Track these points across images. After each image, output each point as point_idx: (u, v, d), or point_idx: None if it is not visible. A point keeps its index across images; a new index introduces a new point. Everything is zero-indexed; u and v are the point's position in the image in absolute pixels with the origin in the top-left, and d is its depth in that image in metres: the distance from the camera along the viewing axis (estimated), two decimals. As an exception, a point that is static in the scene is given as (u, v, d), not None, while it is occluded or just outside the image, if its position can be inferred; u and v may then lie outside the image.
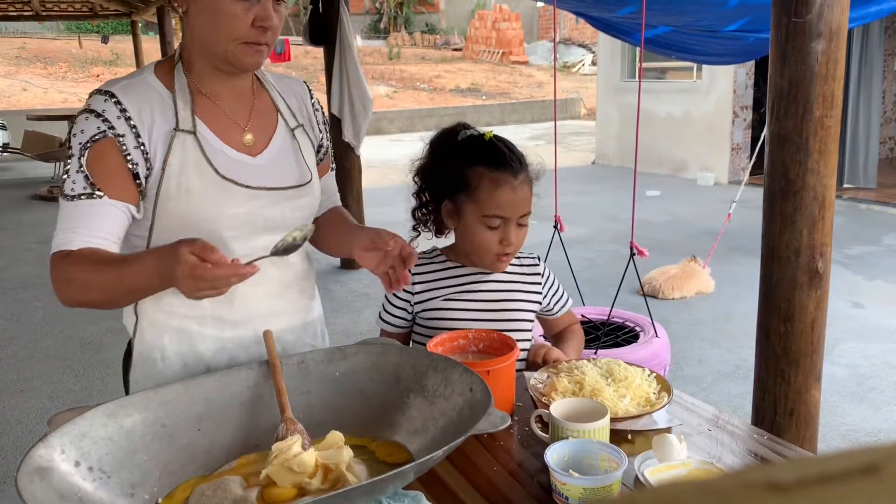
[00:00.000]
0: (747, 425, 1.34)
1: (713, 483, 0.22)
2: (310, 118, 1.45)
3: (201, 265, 1.04)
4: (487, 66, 22.78)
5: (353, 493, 0.94)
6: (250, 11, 1.20)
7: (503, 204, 1.48)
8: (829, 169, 1.96)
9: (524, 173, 1.51)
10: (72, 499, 0.97)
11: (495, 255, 1.53)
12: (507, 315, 1.61)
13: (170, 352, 1.34)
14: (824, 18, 1.88)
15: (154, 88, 1.27)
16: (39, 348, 4.34)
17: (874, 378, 3.66)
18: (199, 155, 1.25)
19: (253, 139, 1.33)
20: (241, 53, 1.23)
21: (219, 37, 1.22)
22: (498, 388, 1.25)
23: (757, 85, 9.13)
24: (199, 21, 1.23)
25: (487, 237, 1.51)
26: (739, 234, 6.09)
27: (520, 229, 1.53)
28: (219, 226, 1.26)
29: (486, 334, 1.46)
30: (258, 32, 1.22)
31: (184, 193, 1.24)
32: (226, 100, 1.32)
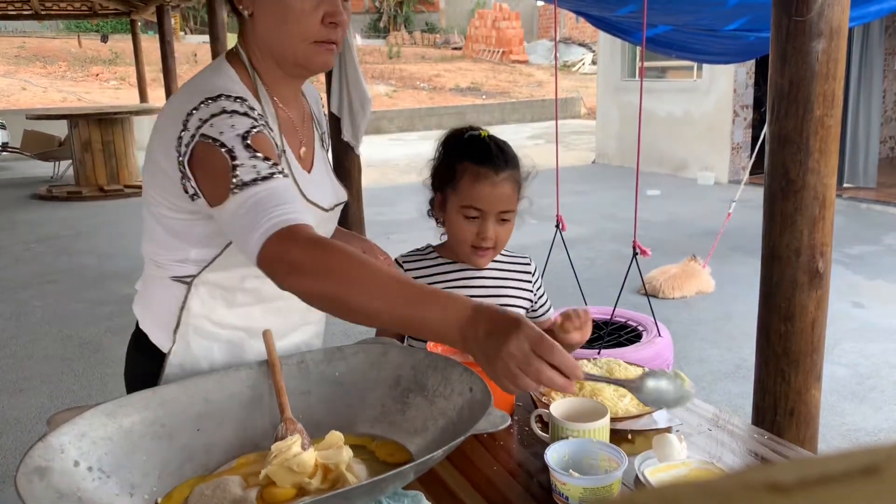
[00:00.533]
0: (747, 425, 1.34)
1: (714, 483, 0.22)
2: (324, 123, 1.44)
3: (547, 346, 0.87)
4: (487, 65, 22.78)
5: (352, 492, 0.94)
6: (319, 8, 1.16)
7: (481, 197, 1.52)
8: (829, 168, 1.96)
9: (507, 172, 1.53)
10: (71, 498, 0.97)
11: (471, 247, 1.56)
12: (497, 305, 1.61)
13: (219, 363, 1.31)
14: (825, 18, 1.88)
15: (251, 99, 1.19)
16: (38, 348, 4.34)
17: (874, 378, 3.66)
18: (290, 178, 1.20)
19: (306, 152, 1.31)
20: (312, 53, 1.20)
21: (289, 37, 1.18)
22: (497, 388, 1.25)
23: (757, 84, 9.13)
24: (267, 22, 1.19)
25: (464, 228, 1.55)
26: (739, 233, 6.09)
27: (501, 225, 1.55)
28: None
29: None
30: (329, 30, 1.18)
31: None
32: (291, 110, 1.29)
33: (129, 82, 17.78)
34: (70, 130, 9.34)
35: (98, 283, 5.56)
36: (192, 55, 18.95)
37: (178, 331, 1.28)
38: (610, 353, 2.83)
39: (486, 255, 1.58)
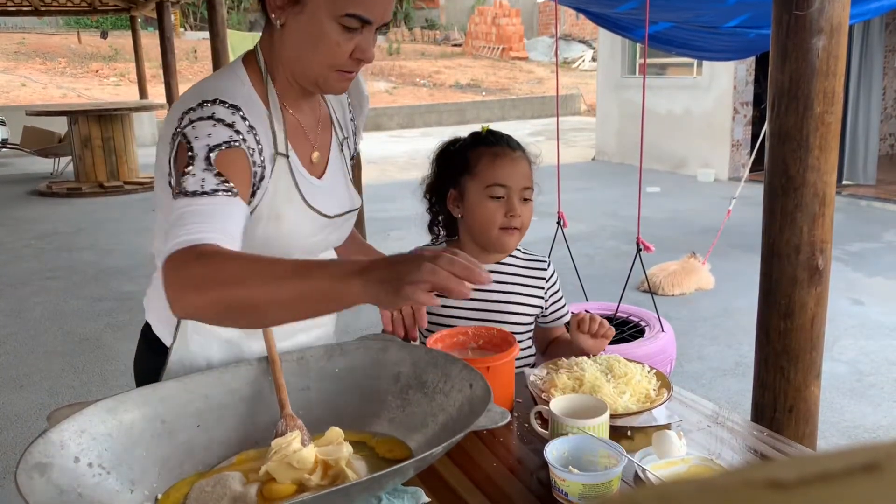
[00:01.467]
0: (747, 422, 1.34)
1: (714, 481, 0.22)
2: (348, 127, 1.45)
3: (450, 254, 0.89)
4: (487, 61, 22.76)
5: (352, 489, 0.94)
6: (352, 42, 1.16)
7: (504, 174, 1.54)
8: (829, 165, 1.95)
9: (521, 151, 1.58)
10: (71, 494, 0.97)
11: (500, 228, 1.55)
12: (505, 308, 1.62)
13: (217, 361, 1.32)
14: (825, 14, 1.87)
15: (256, 104, 1.21)
16: (38, 344, 4.34)
17: (874, 375, 3.66)
18: (290, 181, 1.23)
19: (318, 157, 1.31)
20: (333, 80, 1.21)
21: (316, 61, 1.18)
22: (498, 384, 1.25)
23: (757, 81, 9.12)
24: (297, 39, 1.18)
25: (492, 209, 1.54)
26: (739, 230, 6.09)
27: (524, 204, 1.55)
28: (296, 251, 1.25)
29: (485, 331, 1.46)
30: (354, 63, 1.19)
31: (273, 218, 1.22)
32: (304, 115, 1.30)
33: (129, 79, 17.76)
34: (70, 127, 9.33)
35: (98, 279, 5.56)
36: (192, 51, 18.92)
37: (179, 327, 1.29)
38: (613, 349, 2.83)
39: (514, 236, 1.57)
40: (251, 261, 0.95)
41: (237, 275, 0.93)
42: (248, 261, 0.95)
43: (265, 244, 1.21)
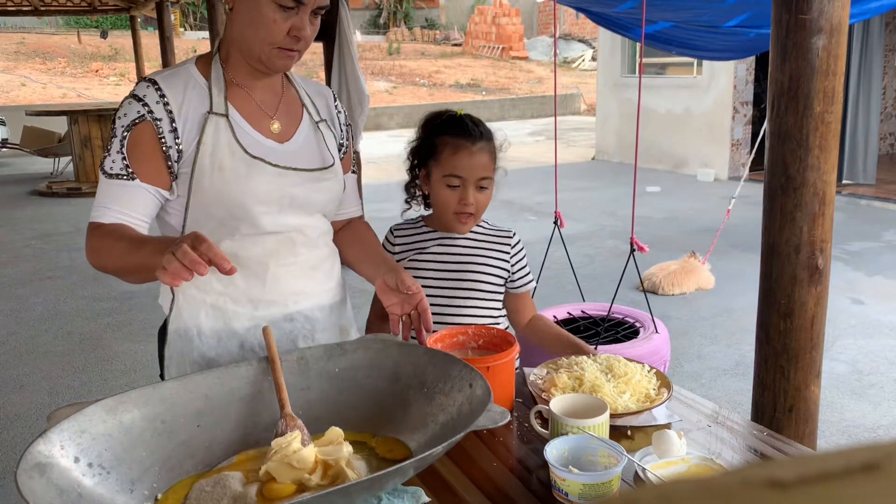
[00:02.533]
0: (747, 421, 1.34)
1: (714, 480, 0.22)
2: (333, 117, 1.56)
3: (199, 240, 1.11)
4: (487, 61, 22.75)
5: (352, 489, 0.94)
6: (288, 21, 1.30)
7: (461, 166, 1.67)
8: (829, 165, 1.95)
9: (483, 142, 1.68)
10: (71, 494, 0.97)
11: (454, 213, 1.70)
12: (469, 276, 1.74)
13: (206, 328, 1.42)
14: (825, 14, 1.87)
15: (193, 77, 1.37)
16: (38, 344, 4.34)
17: (874, 374, 3.66)
18: (231, 136, 1.35)
19: (280, 128, 1.43)
20: (274, 57, 1.34)
21: (257, 39, 1.32)
22: (497, 384, 1.25)
23: (757, 81, 9.12)
24: (241, 21, 1.33)
25: (447, 196, 1.69)
26: (739, 230, 6.09)
27: (479, 192, 1.69)
28: (249, 201, 1.35)
29: (485, 331, 1.47)
30: (292, 40, 1.32)
31: (217, 171, 1.33)
32: (257, 91, 1.42)
33: (129, 78, 17.76)
34: (69, 126, 9.33)
35: (98, 279, 5.56)
36: (192, 51, 18.92)
37: (175, 299, 1.42)
38: (606, 350, 2.83)
39: (467, 222, 1.72)
40: (117, 239, 1.28)
41: (109, 250, 1.28)
42: (116, 239, 1.28)
43: (218, 194, 1.34)
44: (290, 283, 1.44)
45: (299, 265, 1.46)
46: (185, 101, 1.34)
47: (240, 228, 1.37)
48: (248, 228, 1.37)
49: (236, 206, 1.34)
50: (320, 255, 1.51)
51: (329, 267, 1.54)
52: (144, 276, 1.30)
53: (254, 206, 1.35)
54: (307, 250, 1.47)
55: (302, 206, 1.42)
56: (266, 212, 1.37)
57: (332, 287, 1.55)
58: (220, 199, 1.34)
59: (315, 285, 1.50)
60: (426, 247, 1.77)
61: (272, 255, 1.41)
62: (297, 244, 1.44)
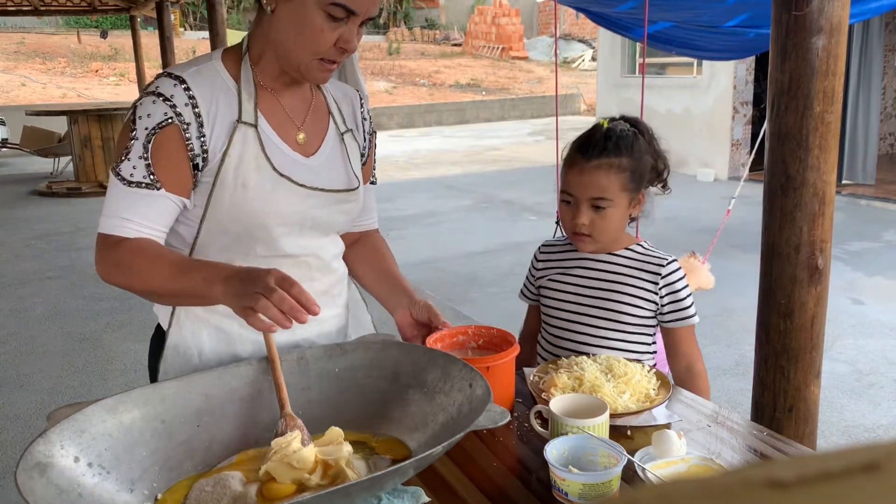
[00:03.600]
0: (747, 421, 1.34)
1: (714, 480, 0.22)
2: (358, 125, 1.47)
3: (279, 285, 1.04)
4: (487, 61, 22.75)
5: (352, 488, 0.94)
6: (336, 31, 1.21)
7: (570, 182, 1.57)
8: (829, 165, 1.95)
9: (602, 159, 1.53)
10: (71, 494, 0.97)
11: (570, 231, 1.60)
12: (610, 303, 1.60)
13: (207, 349, 1.35)
14: (825, 14, 1.87)
15: (221, 77, 1.27)
16: (38, 344, 4.34)
17: (873, 374, 3.66)
18: (259, 149, 1.26)
19: (305, 139, 1.34)
20: (315, 68, 1.25)
21: (300, 47, 1.23)
22: (497, 384, 1.25)
23: (757, 81, 9.12)
24: (285, 25, 1.23)
25: (563, 212, 1.61)
26: (739, 230, 6.09)
27: (596, 213, 1.55)
28: (270, 221, 1.27)
29: (485, 330, 1.46)
30: (337, 52, 1.23)
31: (240, 186, 1.24)
32: (286, 97, 1.34)
33: (129, 78, 17.76)
34: (69, 126, 9.33)
35: (98, 279, 5.55)
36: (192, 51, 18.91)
37: (175, 314, 1.34)
38: (609, 350, 2.83)
39: (583, 241, 1.59)
40: (154, 260, 1.18)
41: (141, 270, 1.17)
42: (153, 260, 1.18)
43: (238, 211, 1.25)
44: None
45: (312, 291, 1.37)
46: (213, 103, 1.24)
47: (255, 249, 1.29)
48: (264, 250, 1.30)
49: (257, 226, 1.26)
50: (332, 280, 1.43)
51: (339, 292, 1.47)
52: (185, 301, 1.24)
53: (275, 227, 1.28)
54: (321, 275, 1.39)
55: (321, 228, 1.36)
56: (287, 233, 1.30)
57: (339, 312, 1.48)
58: (240, 217, 1.25)
59: (325, 311, 1.38)
60: (569, 267, 1.66)
61: None
62: (313, 269, 1.37)
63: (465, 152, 12.46)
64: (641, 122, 1.64)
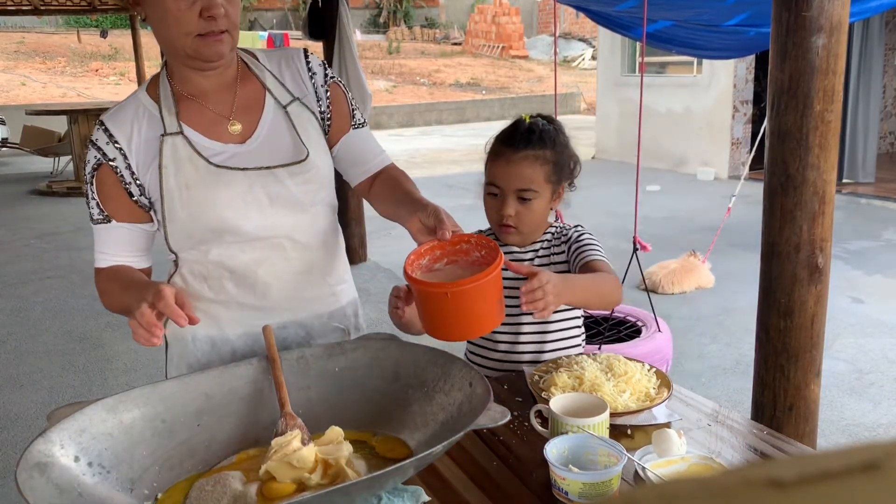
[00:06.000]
0: (747, 420, 1.34)
1: (714, 480, 0.22)
2: (306, 86, 1.42)
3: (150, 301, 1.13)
4: (487, 60, 22.74)
5: (352, 488, 0.94)
6: (196, 4, 1.21)
7: (496, 174, 1.55)
8: (829, 164, 1.95)
9: (528, 151, 1.52)
10: (71, 494, 0.97)
11: (496, 223, 1.57)
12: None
13: (200, 333, 1.40)
14: (825, 13, 1.87)
15: (143, 104, 1.34)
16: (39, 343, 4.34)
17: (873, 373, 3.66)
18: (191, 151, 1.30)
19: (241, 127, 1.35)
20: (199, 47, 1.25)
21: (173, 34, 1.24)
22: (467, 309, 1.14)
23: (757, 79, 9.11)
24: (156, 24, 1.27)
25: (489, 204, 1.58)
26: (739, 228, 6.09)
27: (522, 205, 1.53)
28: (223, 210, 1.30)
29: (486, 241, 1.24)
30: (208, 22, 1.23)
31: (184, 188, 1.29)
32: (209, 97, 1.35)
33: (129, 77, 17.75)
34: (69, 126, 9.32)
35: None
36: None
37: None
38: (609, 349, 2.83)
39: (509, 233, 1.57)
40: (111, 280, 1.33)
41: (108, 293, 1.33)
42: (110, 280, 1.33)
43: (191, 213, 1.30)
44: (281, 290, 1.39)
45: (290, 271, 1.39)
46: (135, 132, 1.31)
47: (224, 238, 1.33)
48: (232, 237, 1.33)
49: (214, 220, 1.30)
50: (314, 259, 1.43)
51: (326, 271, 1.46)
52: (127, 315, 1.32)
53: (230, 215, 1.30)
54: (299, 255, 1.40)
55: (285, 204, 1.35)
56: (243, 217, 1.31)
57: (330, 293, 1.47)
58: (195, 217, 1.30)
59: (311, 291, 1.44)
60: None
61: (261, 262, 1.36)
62: (287, 249, 1.37)
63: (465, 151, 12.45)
64: (557, 121, 1.64)
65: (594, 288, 1.43)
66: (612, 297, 1.46)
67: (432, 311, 1.18)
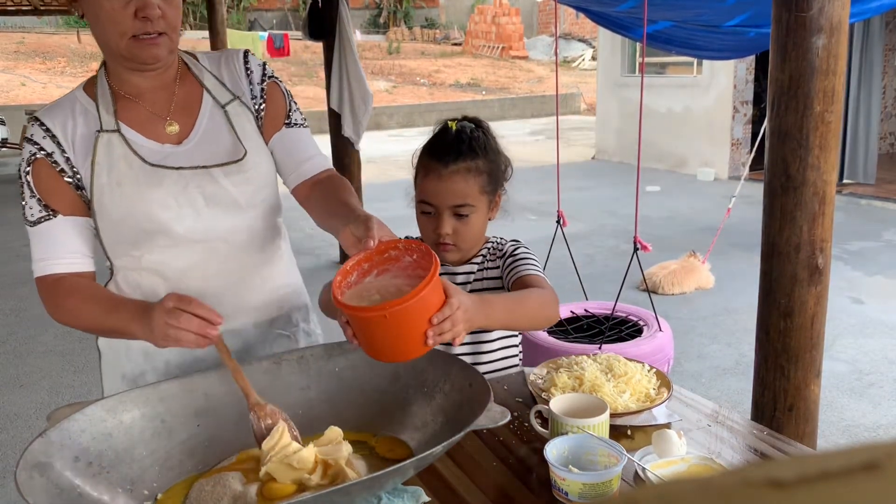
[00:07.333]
0: (747, 421, 1.34)
1: (714, 480, 0.22)
2: (244, 87, 1.38)
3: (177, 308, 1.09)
4: (487, 60, 22.75)
5: (352, 488, 0.94)
6: (130, 4, 1.18)
7: (429, 191, 1.45)
8: (829, 164, 1.95)
9: (460, 164, 1.43)
10: (71, 494, 0.97)
11: (433, 243, 1.47)
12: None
13: (134, 344, 1.34)
14: (825, 13, 1.87)
15: (79, 101, 1.30)
16: (38, 343, 4.34)
17: (873, 374, 3.66)
18: (126, 149, 1.27)
19: (178, 128, 1.32)
20: (135, 49, 1.22)
21: (108, 34, 1.22)
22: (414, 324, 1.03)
23: (757, 80, 9.12)
24: (92, 23, 1.24)
25: (423, 223, 1.51)
26: (739, 229, 6.09)
27: (459, 221, 1.45)
28: (156, 210, 1.26)
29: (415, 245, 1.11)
30: (143, 24, 1.20)
31: (115, 186, 1.25)
32: (147, 96, 1.32)
33: (129, 78, 17.70)
34: (69, 126, 9.32)
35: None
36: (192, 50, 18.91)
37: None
38: (611, 348, 2.83)
39: (448, 251, 1.48)
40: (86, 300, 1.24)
41: (78, 310, 1.24)
42: (85, 300, 1.24)
43: (123, 211, 1.26)
44: (217, 297, 1.30)
45: (227, 277, 1.34)
46: (72, 127, 1.27)
47: (156, 241, 1.28)
48: (164, 240, 1.28)
49: (145, 219, 1.26)
50: (252, 263, 1.37)
51: (266, 276, 1.40)
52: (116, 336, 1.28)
53: (162, 214, 1.26)
54: (236, 259, 1.35)
55: (221, 205, 1.30)
56: (176, 218, 1.27)
57: (271, 299, 1.42)
58: (127, 216, 1.26)
59: (249, 297, 1.38)
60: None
61: (195, 267, 1.31)
62: (223, 253, 1.32)
63: (465, 152, 12.44)
64: (484, 122, 1.53)
65: (519, 308, 1.29)
66: (543, 315, 1.33)
67: (372, 335, 1.06)
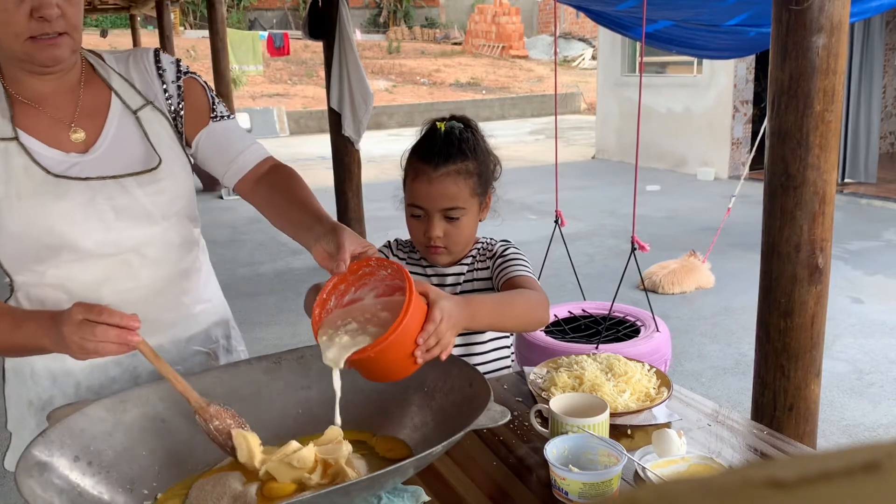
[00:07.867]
0: (747, 420, 1.34)
1: (714, 480, 0.22)
2: (156, 90, 1.30)
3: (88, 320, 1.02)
4: (487, 60, 22.74)
5: (352, 488, 0.94)
6: (24, 3, 1.08)
7: (419, 195, 1.44)
8: (829, 164, 1.95)
9: (449, 167, 1.41)
10: (71, 493, 0.97)
11: (423, 246, 1.48)
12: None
13: (38, 367, 1.27)
14: (825, 12, 1.87)
15: None
16: (39, 343, 4.33)
17: (873, 373, 3.66)
18: (27, 159, 1.17)
19: (84, 135, 1.23)
20: (32, 51, 1.12)
21: (1, 36, 1.11)
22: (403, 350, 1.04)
23: (757, 79, 9.12)
24: None
25: (413, 226, 1.49)
26: (739, 228, 6.09)
27: (450, 224, 1.44)
28: (60, 224, 1.17)
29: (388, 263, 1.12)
30: (40, 24, 1.10)
31: (14, 200, 1.15)
32: (48, 102, 1.22)
33: (129, 77, 17.69)
34: (69, 126, 9.31)
35: None
36: (192, 50, 18.92)
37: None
38: (608, 349, 2.83)
39: (438, 254, 1.48)
40: None
41: None
42: None
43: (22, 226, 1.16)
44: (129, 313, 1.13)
45: (139, 291, 1.25)
46: None
47: (61, 255, 1.18)
48: (70, 255, 1.19)
49: (47, 234, 1.16)
50: (167, 277, 1.29)
51: (182, 290, 1.33)
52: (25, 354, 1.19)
53: (67, 229, 1.17)
54: (149, 273, 1.26)
55: (134, 217, 1.22)
56: (83, 232, 1.18)
57: (187, 314, 1.35)
58: (27, 230, 1.16)
59: (163, 313, 1.29)
60: (422, 273, 1.56)
61: (104, 281, 1.22)
62: (135, 266, 1.24)
63: (465, 151, 12.45)
64: (473, 122, 1.52)
65: (506, 310, 1.29)
66: (532, 316, 1.32)
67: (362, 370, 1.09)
